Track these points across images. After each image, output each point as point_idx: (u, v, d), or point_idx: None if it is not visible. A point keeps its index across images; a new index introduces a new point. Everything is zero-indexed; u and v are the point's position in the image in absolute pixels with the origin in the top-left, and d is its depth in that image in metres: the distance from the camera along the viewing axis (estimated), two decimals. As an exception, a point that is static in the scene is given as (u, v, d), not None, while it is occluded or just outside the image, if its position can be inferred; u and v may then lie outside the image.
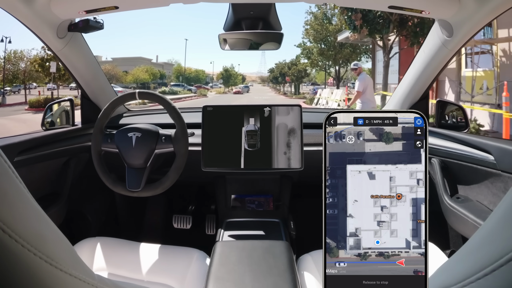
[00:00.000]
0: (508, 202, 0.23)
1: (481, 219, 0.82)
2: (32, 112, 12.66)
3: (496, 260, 0.21)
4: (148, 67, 35.59)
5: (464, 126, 1.11)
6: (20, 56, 17.83)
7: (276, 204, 1.15)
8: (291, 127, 1.01)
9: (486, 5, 0.79)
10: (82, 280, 0.23)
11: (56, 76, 15.48)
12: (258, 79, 69.03)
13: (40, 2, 0.84)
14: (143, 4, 0.96)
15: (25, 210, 0.20)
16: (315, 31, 18.68)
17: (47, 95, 14.12)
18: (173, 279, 0.83)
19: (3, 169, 0.19)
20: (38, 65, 16.10)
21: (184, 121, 0.98)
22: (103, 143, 0.99)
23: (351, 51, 18.55)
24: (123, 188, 0.96)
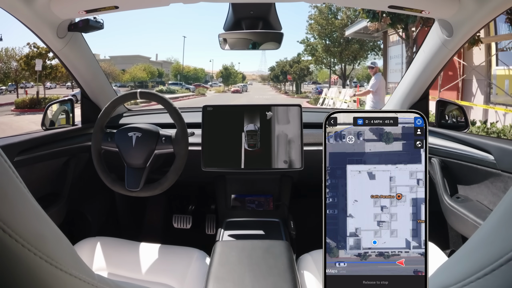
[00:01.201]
0: (508, 202, 0.23)
1: (481, 219, 0.82)
2: (15, 114, 11.59)
3: (496, 260, 0.21)
4: (146, 66, 34.93)
5: (464, 126, 1.11)
6: (12, 54, 17.13)
7: (276, 204, 1.15)
8: (291, 127, 1.01)
9: (486, 5, 0.79)
10: (82, 280, 0.23)
11: (43, 75, 14.72)
12: (258, 78, 68.31)
13: (40, 2, 0.84)
14: (143, 4, 0.96)
15: (25, 210, 0.20)
16: (319, 26, 17.93)
17: (33, 95, 13.22)
18: (173, 279, 0.83)
19: (3, 169, 0.19)
20: (23, 62, 15.13)
21: (184, 122, 0.97)
22: (103, 141, 0.99)
23: (358, 47, 17.80)
24: (122, 188, 0.96)
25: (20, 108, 12.35)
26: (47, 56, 14.55)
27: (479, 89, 6.56)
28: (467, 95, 6.84)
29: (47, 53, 14.36)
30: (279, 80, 33.45)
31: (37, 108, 12.01)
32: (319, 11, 18.22)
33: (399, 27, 7.78)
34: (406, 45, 7.93)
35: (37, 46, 14.71)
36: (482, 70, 6.27)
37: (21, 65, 15.22)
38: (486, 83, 6.30)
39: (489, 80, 6.21)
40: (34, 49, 14.78)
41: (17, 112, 11.90)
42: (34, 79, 15.02)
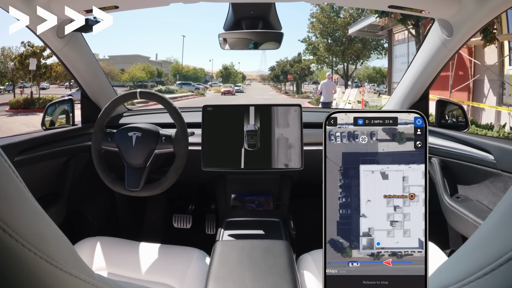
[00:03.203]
0: (507, 202, 0.23)
1: (481, 218, 0.82)
2: (8, 114, 11.19)
3: (496, 260, 0.21)
4: (145, 65, 34.27)
5: (464, 126, 1.11)
6: (8, 53, 16.92)
7: (276, 203, 1.15)
8: (291, 126, 1.01)
9: (486, 4, 0.79)
10: (82, 280, 0.23)
11: (37, 74, 14.35)
12: (258, 78, 67.86)
13: (40, 2, 0.84)
14: (143, 3, 0.96)
15: (26, 210, 0.20)
16: (321, 24, 17.60)
17: (27, 95, 12.91)
18: (173, 278, 0.83)
19: (3, 169, 0.19)
20: (18, 62, 14.77)
21: (184, 122, 0.97)
22: (103, 141, 0.99)
23: (361, 46, 17.54)
24: (122, 187, 0.96)
25: (14, 108, 12.09)
26: (41, 55, 14.30)
27: (491, 89, 6.31)
28: (478, 96, 6.61)
29: (41, 52, 14.12)
30: (279, 80, 32.87)
31: (31, 108, 11.78)
32: (321, 9, 17.95)
33: (409, 23, 7.60)
34: (417, 43, 7.74)
35: (32, 44, 14.44)
36: (495, 70, 6.02)
37: (16, 65, 14.94)
38: (499, 83, 6.04)
39: (502, 79, 5.95)
40: (28, 48, 14.44)
41: (10, 113, 11.56)
42: (29, 78, 14.80)
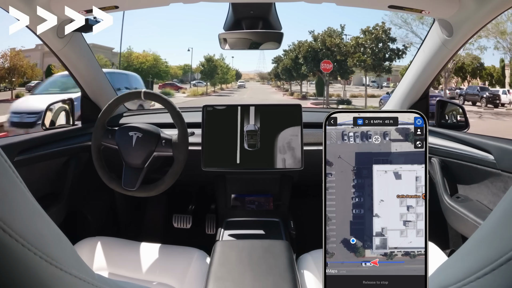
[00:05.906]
0: (507, 202, 0.23)
1: (481, 218, 0.82)
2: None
3: (496, 259, 0.21)
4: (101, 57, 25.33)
5: (464, 126, 1.11)
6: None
7: (276, 203, 1.15)
8: (291, 126, 1.01)
9: (486, 4, 0.79)
10: (82, 280, 0.23)
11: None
12: (256, 77, 63.65)
13: (40, 2, 0.84)
14: (143, 3, 0.96)
15: (26, 210, 0.20)
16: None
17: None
18: (173, 278, 0.83)
19: (3, 169, 0.19)
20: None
21: (186, 127, 0.97)
22: (103, 138, 0.99)
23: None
24: (118, 186, 0.97)
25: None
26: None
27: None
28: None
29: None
30: (290, 76, 21.66)
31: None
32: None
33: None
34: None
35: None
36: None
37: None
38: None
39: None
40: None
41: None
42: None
